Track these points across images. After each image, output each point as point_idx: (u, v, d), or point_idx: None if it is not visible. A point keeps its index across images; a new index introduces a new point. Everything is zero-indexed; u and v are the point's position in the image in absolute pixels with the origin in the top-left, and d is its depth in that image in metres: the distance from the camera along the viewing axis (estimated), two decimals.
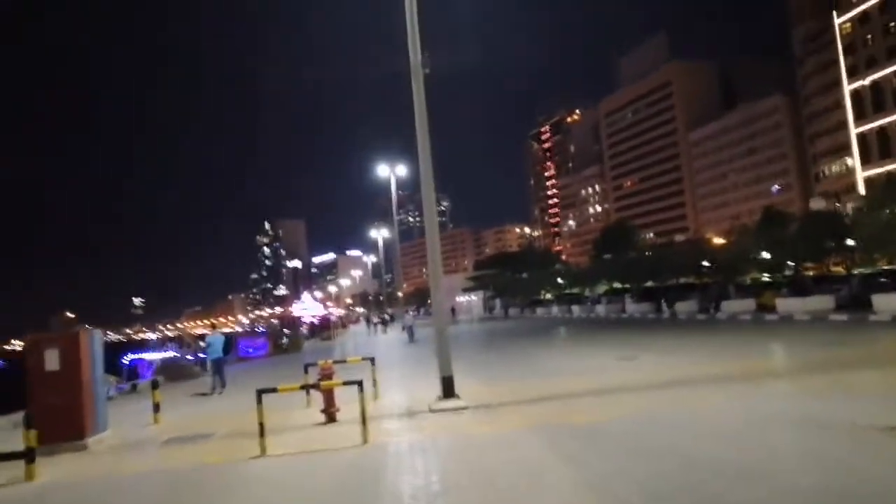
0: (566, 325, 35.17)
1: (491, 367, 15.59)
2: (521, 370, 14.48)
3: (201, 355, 18.24)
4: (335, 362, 12.00)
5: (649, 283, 41.72)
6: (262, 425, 8.05)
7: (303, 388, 9.89)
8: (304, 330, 52.51)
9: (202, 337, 29.66)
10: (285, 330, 41.01)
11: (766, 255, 32.25)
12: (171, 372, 21.01)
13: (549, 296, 64.36)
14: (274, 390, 8.57)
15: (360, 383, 8.41)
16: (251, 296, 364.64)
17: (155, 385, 12.64)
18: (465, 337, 32.58)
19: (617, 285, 48.57)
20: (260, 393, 8.19)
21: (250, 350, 31.71)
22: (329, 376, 10.04)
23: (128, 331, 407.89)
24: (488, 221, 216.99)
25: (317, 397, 10.51)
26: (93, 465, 8.28)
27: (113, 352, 30.12)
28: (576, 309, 46.93)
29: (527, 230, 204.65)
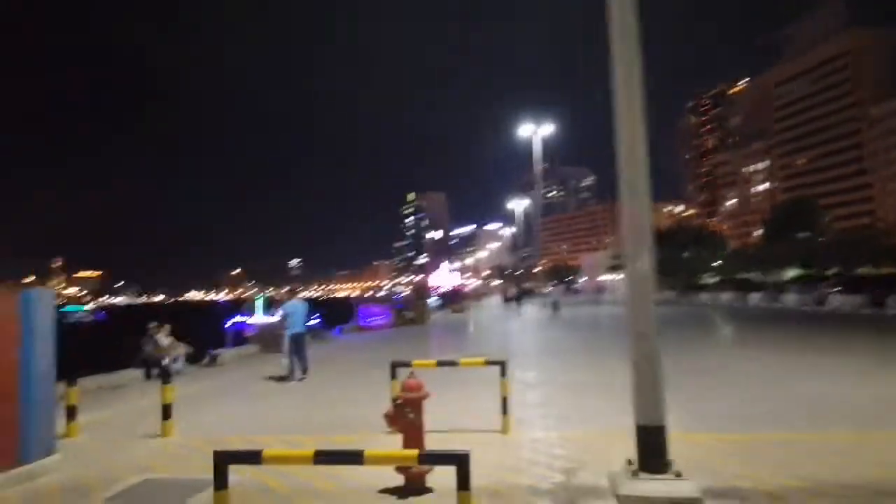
0: (755, 318, 28.11)
1: (688, 387, 9.43)
2: (752, 399, 8.72)
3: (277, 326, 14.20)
4: (442, 364, 7.23)
5: (861, 271, 33.09)
6: None
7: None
8: (434, 299, 48.98)
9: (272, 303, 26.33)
10: (404, 298, 36.64)
11: None
12: (269, 341, 17.33)
13: (711, 279, 55.95)
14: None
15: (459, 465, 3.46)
16: (394, 263, 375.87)
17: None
18: (620, 327, 26.72)
19: (796, 272, 39.91)
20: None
21: (371, 320, 28.09)
22: (415, 405, 5.23)
23: (285, 288, 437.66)
24: None
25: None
26: None
27: (224, 314, 28.17)
28: (754, 297, 38.99)
29: (679, 208, 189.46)
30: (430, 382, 5.27)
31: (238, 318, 24.14)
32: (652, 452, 5.02)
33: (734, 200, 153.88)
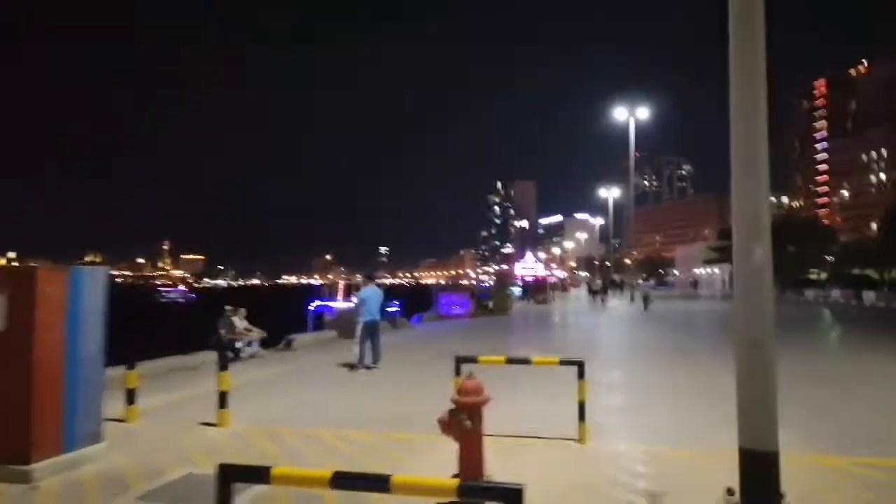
0: (872, 318, 25.51)
1: (806, 400, 7.96)
2: (889, 414, 7.46)
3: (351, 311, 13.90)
4: (512, 361, 6.51)
5: None
6: None
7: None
8: (517, 289, 47.97)
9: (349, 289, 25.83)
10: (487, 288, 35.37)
11: None
12: (346, 326, 17.05)
13: (820, 276, 51.79)
14: None
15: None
16: (480, 252, 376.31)
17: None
18: (718, 324, 25.00)
19: None
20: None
21: (451, 308, 27.60)
22: (475, 410, 4.53)
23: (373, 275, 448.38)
24: None
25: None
26: None
27: (303, 297, 28.25)
28: (870, 296, 35.59)
29: (784, 199, 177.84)
30: (500, 380, 4.59)
31: (320, 302, 24.23)
32: (759, 482, 4.08)
33: (846, 192, 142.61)
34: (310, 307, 23.93)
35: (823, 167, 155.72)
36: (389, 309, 25.52)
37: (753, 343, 4.19)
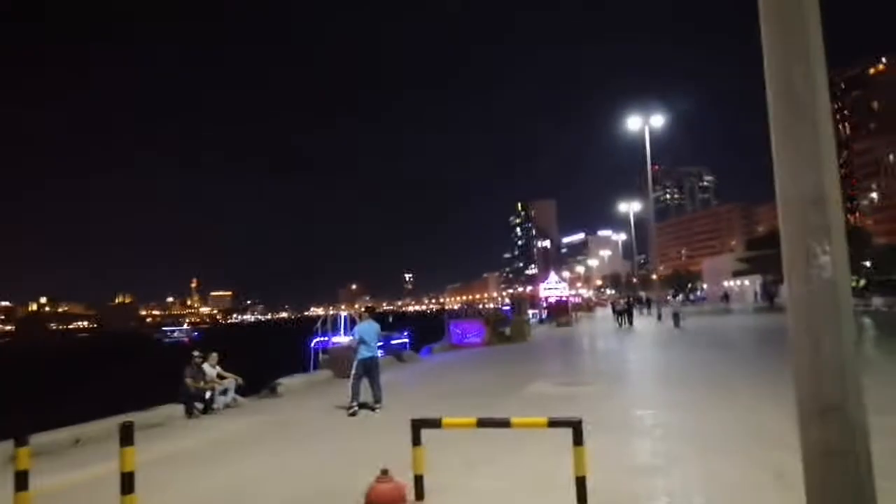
0: None
1: None
2: None
3: (349, 346, 12.49)
4: (486, 424, 5.00)
5: None
6: None
7: None
8: (536, 312, 46.18)
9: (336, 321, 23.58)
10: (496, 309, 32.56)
11: None
12: (340, 364, 15.52)
13: (858, 283, 49.11)
14: None
15: None
16: (504, 274, 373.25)
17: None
18: (759, 343, 23.07)
19: None
20: None
21: (463, 336, 25.94)
22: None
23: (398, 303, 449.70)
24: (759, 196, 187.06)
25: None
26: None
27: (307, 331, 26.46)
28: None
29: None
30: (472, 442, 3.11)
31: (322, 338, 22.78)
32: None
33: (875, 194, 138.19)
34: (312, 343, 22.47)
35: (849, 168, 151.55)
36: (396, 341, 24.02)
37: (826, 412, 2.62)
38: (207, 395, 11.33)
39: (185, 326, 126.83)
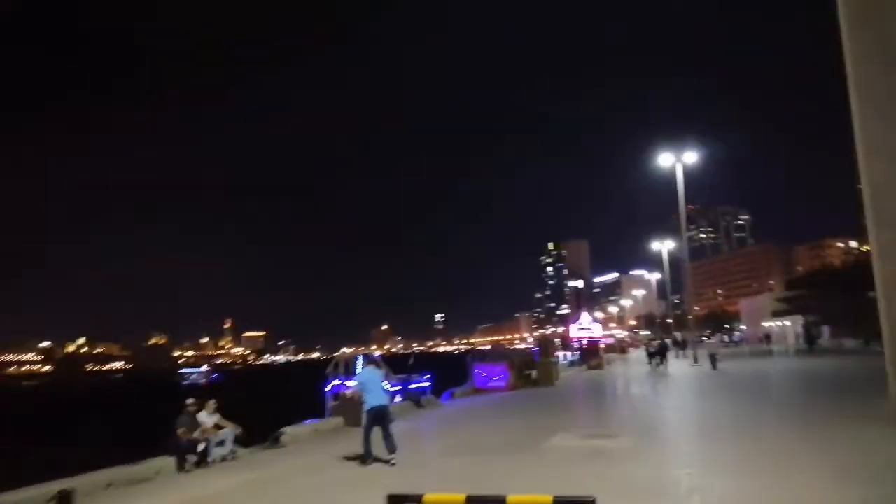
0: None
1: None
2: None
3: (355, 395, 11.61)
4: (475, 501, 4.05)
5: None
6: None
7: None
8: (568, 354, 44.66)
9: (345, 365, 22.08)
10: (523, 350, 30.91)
11: None
12: (351, 410, 14.57)
13: None
14: None
15: None
16: (535, 314, 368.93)
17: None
18: (807, 391, 21.48)
19: None
20: None
21: (487, 379, 24.78)
22: None
23: (429, 343, 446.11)
24: (798, 236, 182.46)
25: None
26: None
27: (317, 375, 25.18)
28: None
29: (853, 244, 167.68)
30: None
31: (338, 381, 21.86)
32: None
33: None
34: (326, 388, 21.56)
35: None
36: (415, 385, 23.00)
37: None
38: (201, 446, 10.51)
39: (205, 368, 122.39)
